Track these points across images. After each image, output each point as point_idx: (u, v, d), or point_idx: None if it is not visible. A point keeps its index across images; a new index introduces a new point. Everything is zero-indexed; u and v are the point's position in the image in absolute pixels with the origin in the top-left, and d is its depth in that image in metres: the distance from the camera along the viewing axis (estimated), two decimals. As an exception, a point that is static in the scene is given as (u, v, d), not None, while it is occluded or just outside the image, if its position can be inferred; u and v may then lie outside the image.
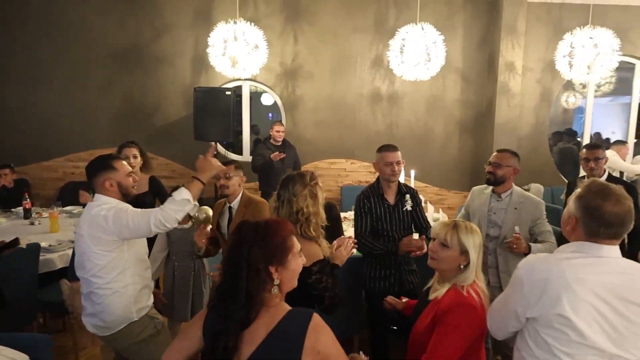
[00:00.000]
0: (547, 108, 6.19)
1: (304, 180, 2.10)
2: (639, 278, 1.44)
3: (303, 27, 5.93)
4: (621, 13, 5.96)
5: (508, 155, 2.89)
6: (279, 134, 5.29)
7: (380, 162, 2.85)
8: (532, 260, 1.54)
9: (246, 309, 1.34)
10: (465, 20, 5.98)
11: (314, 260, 1.98)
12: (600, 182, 1.52)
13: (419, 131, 6.17)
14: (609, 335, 1.40)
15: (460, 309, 1.73)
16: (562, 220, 1.60)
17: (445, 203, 6.23)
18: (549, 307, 1.42)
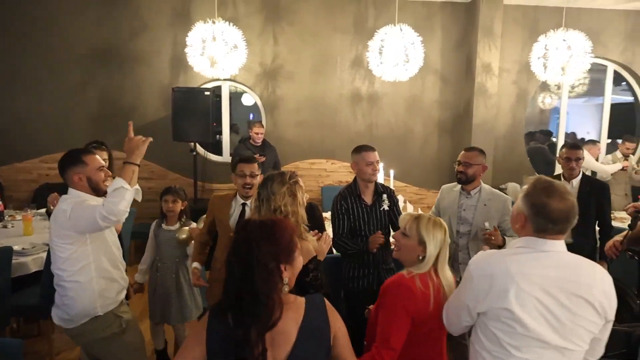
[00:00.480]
0: (523, 108, 6.31)
1: (282, 179, 2.10)
2: (581, 271, 1.48)
3: (283, 27, 5.93)
4: (593, 16, 6.12)
5: (476, 154, 2.95)
6: (257, 136, 5.28)
7: (361, 162, 2.86)
8: (481, 256, 1.59)
9: (270, 310, 1.30)
10: (443, 22, 6.06)
11: (308, 257, 1.99)
12: (545, 179, 1.56)
13: (399, 131, 6.23)
14: (553, 327, 1.44)
15: (394, 289, 1.80)
16: (511, 217, 1.64)
17: (424, 202, 6.30)
18: (496, 302, 1.46)
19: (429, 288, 1.80)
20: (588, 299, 1.45)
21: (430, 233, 1.86)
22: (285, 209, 2.04)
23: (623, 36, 6.26)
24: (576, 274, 1.47)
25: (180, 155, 5.69)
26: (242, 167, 2.76)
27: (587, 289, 1.45)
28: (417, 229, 1.87)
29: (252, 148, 5.26)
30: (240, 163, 2.81)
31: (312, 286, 1.98)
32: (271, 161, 5.32)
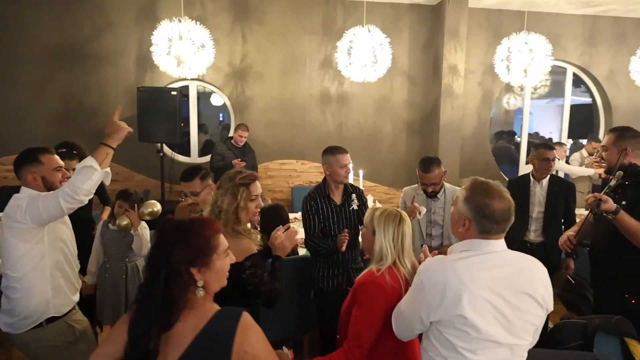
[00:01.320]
0: (488, 109, 6.48)
1: (233, 177, 2.08)
2: (522, 268, 1.53)
3: (252, 27, 5.89)
4: (553, 20, 6.34)
5: (435, 167, 3.08)
6: (241, 139, 5.32)
7: (335, 164, 2.86)
8: (430, 264, 1.56)
9: (166, 312, 1.28)
10: (411, 24, 6.15)
11: (246, 254, 1.95)
12: (481, 180, 1.59)
13: (368, 132, 6.28)
14: (503, 326, 1.47)
15: (366, 286, 1.81)
16: (452, 221, 1.65)
17: (394, 202, 6.37)
18: (450, 309, 1.46)
19: (399, 282, 1.82)
20: (531, 294, 1.50)
21: (382, 224, 1.89)
22: (220, 205, 2.02)
23: (581, 40, 6.51)
24: (519, 271, 1.52)
25: (147, 156, 5.57)
26: (181, 187, 2.58)
27: (529, 284, 1.50)
28: (371, 220, 1.93)
29: (233, 149, 5.30)
30: (181, 182, 2.59)
31: (250, 283, 1.94)
32: (250, 164, 5.31)
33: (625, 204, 2.38)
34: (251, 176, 2.11)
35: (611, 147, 2.51)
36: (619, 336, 2.16)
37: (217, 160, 5.20)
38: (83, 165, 2.02)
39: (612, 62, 6.59)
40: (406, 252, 1.90)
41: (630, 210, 2.35)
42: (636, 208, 2.34)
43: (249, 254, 1.98)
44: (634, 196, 2.40)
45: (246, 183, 2.08)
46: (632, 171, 2.44)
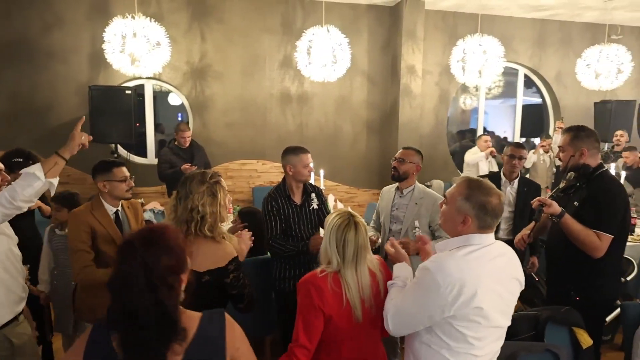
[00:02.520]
0: (445, 109, 6.65)
1: (203, 178, 2.01)
2: (509, 255, 1.68)
3: (211, 25, 5.79)
4: (505, 23, 6.59)
5: (412, 153, 3.03)
6: (184, 140, 5.05)
7: (299, 164, 2.84)
8: (442, 261, 1.57)
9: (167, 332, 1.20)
10: (370, 25, 6.23)
11: (229, 259, 1.94)
12: (476, 179, 1.68)
13: (329, 131, 6.31)
14: (503, 311, 1.59)
15: (305, 286, 1.79)
16: (446, 219, 1.68)
17: (355, 201, 6.43)
18: (468, 304, 1.51)
19: (341, 287, 1.78)
20: (518, 277, 1.65)
21: (329, 228, 1.85)
22: (203, 209, 1.95)
23: (531, 42, 6.79)
24: (509, 258, 1.66)
25: (100, 158, 5.30)
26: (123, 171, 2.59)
27: (516, 269, 1.66)
28: (326, 225, 1.90)
29: (179, 152, 5.05)
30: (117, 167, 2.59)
31: (234, 287, 1.93)
32: (201, 162, 5.13)
33: (577, 204, 2.44)
34: (218, 173, 2.09)
35: (567, 147, 2.51)
36: (568, 326, 2.27)
37: (165, 169, 4.93)
38: (27, 172, 1.94)
39: (560, 64, 6.91)
40: (348, 260, 1.80)
41: (580, 211, 2.40)
42: (585, 210, 2.39)
43: (231, 257, 1.95)
44: (584, 197, 2.44)
45: (218, 180, 2.05)
46: (584, 172, 2.46)
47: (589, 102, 6.83)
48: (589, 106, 6.84)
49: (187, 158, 5.01)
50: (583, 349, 2.22)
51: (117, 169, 2.55)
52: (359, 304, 1.79)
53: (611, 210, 2.36)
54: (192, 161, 4.97)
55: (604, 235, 2.32)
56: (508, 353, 1.92)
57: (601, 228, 2.32)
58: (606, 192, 2.40)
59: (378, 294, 1.84)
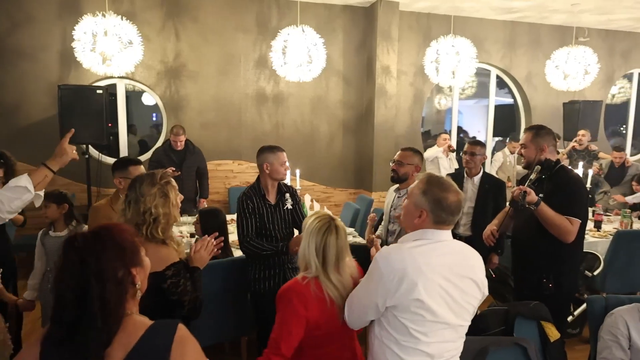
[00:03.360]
0: (420, 109, 6.73)
1: (153, 180, 1.95)
2: (467, 255, 1.69)
3: (185, 24, 5.72)
4: (477, 25, 6.71)
5: (410, 154, 3.10)
6: (176, 144, 5.01)
7: (276, 162, 2.85)
8: (387, 252, 1.62)
9: (106, 331, 1.15)
10: (345, 25, 6.26)
11: (167, 263, 1.88)
12: (435, 176, 1.71)
13: (305, 131, 6.31)
14: (451, 309, 1.59)
15: (288, 294, 1.78)
16: (406, 212, 1.72)
17: (332, 200, 6.45)
18: (407, 294, 1.54)
19: (324, 292, 1.78)
20: (473, 278, 1.64)
21: (308, 231, 1.84)
22: (155, 211, 1.90)
23: (502, 44, 6.94)
24: (464, 258, 1.66)
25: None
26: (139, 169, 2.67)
27: (472, 270, 1.65)
28: (304, 224, 1.91)
29: (170, 153, 5.01)
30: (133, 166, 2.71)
31: (172, 293, 1.86)
32: (194, 165, 5.07)
33: (542, 196, 2.59)
34: (166, 172, 2.04)
35: (529, 144, 2.73)
36: (536, 320, 2.34)
37: (153, 167, 4.84)
38: (16, 184, 1.90)
39: (530, 65, 7.09)
40: (331, 264, 1.81)
41: (546, 201, 2.56)
42: (551, 199, 2.57)
43: (170, 262, 1.89)
44: (550, 188, 2.63)
45: (169, 180, 2.00)
46: (547, 166, 2.67)
47: (558, 103, 7.03)
48: (558, 106, 7.03)
49: (177, 161, 4.98)
50: (551, 342, 2.29)
51: (133, 167, 2.66)
52: (339, 306, 1.80)
53: (578, 197, 2.60)
54: (181, 165, 4.94)
55: (574, 219, 2.54)
56: (478, 348, 1.97)
57: (571, 213, 2.54)
58: (572, 182, 2.64)
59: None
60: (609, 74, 7.50)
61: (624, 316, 2.27)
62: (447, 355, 1.64)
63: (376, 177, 6.06)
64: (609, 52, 7.43)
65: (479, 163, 3.70)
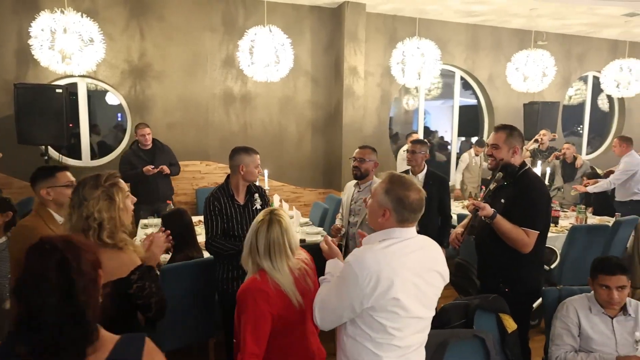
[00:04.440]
0: (387, 109, 6.84)
1: (97, 182, 1.85)
2: (430, 248, 1.75)
3: (150, 23, 5.62)
4: (441, 27, 6.87)
5: (369, 151, 3.29)
6: (144, 137, 4.94)
7: (251, 164, 2.86)
8: (360, 254, 1.63)
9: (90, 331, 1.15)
10: (312, 26, 6.29)
11: (131, 268, 1.82)
12: (397, 175, 1.75)
13: (273, 131, 6.31)
14: (422, 302, 1.65)
15: (249, 293, 1.80)
16: (371, 211, 1.76)
17: (301, 200, 6.47)
18: (384, 294, 1.57)
19: (279, 284, 1.84)
20: (438, 269, 1.71)
21: (253, 232, 1.90)
22: (99, 215, 1.80)
23: (465, 46, 7.13)
24: (429, 252, 1.72)
25: (29, 161, 5.00)
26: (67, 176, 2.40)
27: (436, 262, 1.71)
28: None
29: (140, 153, 4.93)
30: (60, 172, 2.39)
31: (139, 297, 1.80)
32: (165, 163, 4.99)
33: (503, 202, 2.57)
34: (114, 174, 1.94)
35: (503, 145, 2.59)
36: (495, 312, 2.42)
37: (126, 169, 4.79)
38: None
39: (492, 67, 7.31)
40: (276, 257, 1.86)
41: (508, 207, 2.54)
42: (513, 206, 2.53)
43: (134, 266, 1.84)
44: (511, 195, 2.58)
45: (115, 182, 1.91)
46: (510, 172, 2.59)
47: (519, 103, 7.28)
48: (518, 107, 7.28)
49: (148, 160, 4.91)
50: (508, 333, 2.38)
51: (61, 174, 2.35)
52: (296, 291, 1.86)
53: (537, 208, 2.51)
54: (153, 163, 4.88)
55: (531, 231, 2.47)
56: (439, 341, 2.03)
57: (528, 225, 2.47)
58: (531, 191, 2.54)
59: (307, 288, 1.91)
60: (565, 76, 7.82)
61: (574, 305, 2.39)
62: (415, 346, 1.70)
63: (345, 177, 6.12)
64: (566, 56, 7.75)
65: (421, 161, 3.80)
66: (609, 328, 2.34)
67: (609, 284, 2.31)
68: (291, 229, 1.93)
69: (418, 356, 1.72)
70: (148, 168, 4.78)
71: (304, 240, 3.90)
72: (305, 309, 1.90)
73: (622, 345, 2.30)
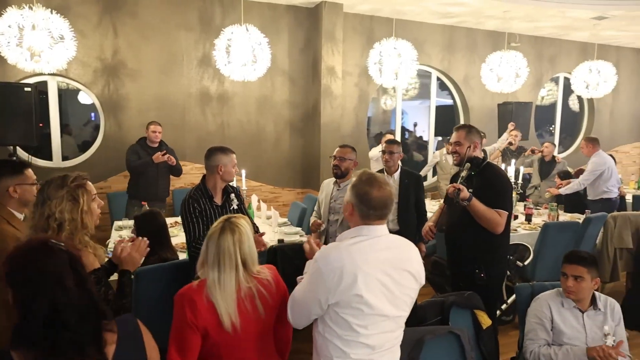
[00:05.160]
0: (365, 109, 6.87)
1: (63, 182, 1.83)
2: (403, 249, 1.76)
3: (124, 20, 5.51)
4: (418, 28, 6.95)
5: (349, 150, 3.37)
6: (155, 135, 4.97)
7: (229, 164, 2.86)
8: (326, 250, 1.68)
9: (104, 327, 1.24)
10: (290, 25, 6.27)
11: (88, 271, 1.74)
12: (368, 172, 1.78)
13: (251, 131, 6.26)
14: (390, 301, 1.66)
15: (179, 299, 1.72)
16: (343, 207, 1.81)
17: (279, 200, 6.45)
18: (348, 290, 1.59)
19: (215, 299, 1.69)
20: (410, 270, 1.71)
21: (207, 238, 1.78)
22: (60, 216, 1.77)
23: (441, 47, 7.22)
24: (400, 251, 1.73)
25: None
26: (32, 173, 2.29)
27: (408, 262, 1.72)
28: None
29: (148, 149, 4.96)
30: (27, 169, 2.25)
31: None
32: (167, 165, 4.99)
33: (472, 191, 2.76)
34: (83, 175, 1.91)
35: (464, 141, 2.90)
36: (470, 309, 2.46)
37: (134, 160, 4.86)
38: None
39: (467, 68, 7.43)
40: (224, 266, 1.72)
41: (476, 195, 2.74)
42: (480, 194, 2.75)
43: (91, 269, 1.79)
44: (479, 184, 2.81)
45: (82, 184, 1.87)
46: (475, 163, 2.87)
47: (493, 104, 7.41)
48: (493, 107, 7.42)
49: (151, 163, 4.88)
50: (483, 329, 2.42)
51: (29, 171, 2.22)
52: (235, 312, 1.70)
53: (504, 191, 2.83)
54: (156, 163, 4.88)
55: (502, 212, 2.75)
56: (416, 338, 2.05)
57: (499, 206, 2.75)
58: (499, 177, 2.86)
59: (266, 301, 1.78)
60: (537, 77, 8.01)
61: (547, 300, 2.45)
62: (387, 345, 1.70)
63: (323, 176, 6.11)
64: (538, 57, 7.93)
65: (397, 161, 3.86)
66: (579, 322, 2.40)
67: (567, 272, 2.41)
68: (248, 241, 1.78)
69: (390, 355, 1.73)
70: (158, 155, 4.81)
71: (282, 240, 3.88)
72: (248, 336, 1.74)
73: (591, 339, 2.36)
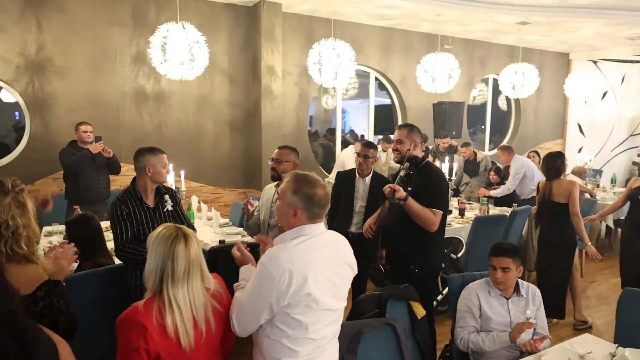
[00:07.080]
0: (306, 108, 6.93)
1: (3, 188, 1.74)
2: (339, 243, 1.83)
3: (49, 14, 5.19)
4: (356, 29, 7.10)
5: (288, 152, 3.25)
6: (86, 135, 4.73)
7: (158, 164, 2.77)
8: (274, 253, 1.64)
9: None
10: (229, 24, 6.19)
11: (37, 283, 1.68)
12: (303, 174, 1.80)
13: (190, 131, 6.13)
14: (334, 294, 1.72)
15: (124, 324, 1.59)
16: (280, 213, 1.78)
17: (221, 201, 6.36)
18: (299, 290, 1.61)
19: (165, 317, 1.56)
20: (348, 262, 1.80)
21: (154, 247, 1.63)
22: (14, 223, 1.70)
23: (379, 48, 7.43)
24: (338, 246, 1.80)
25: None
26: None
27: (345, 255, 1.81)
28: (149, 241, 1.69)
29: (81, 150, 4.74)
30: None
31: (45, 316, 1.64)
32: (103, 161, 4.79)
33: (410, 190, 2.87)
34: (17, 181, 1.81)
35: (405, 139, 2.98)
36: (406, 300, 2.58)
37: (70, 158, 4.63)
38: None
39: (404, 69, 7.69)
40: (178, 278, 1.59)
41: (415, 193, 2.85)
42: (419, 193, 2.86)
43: (41, 281, 1.70)
44: (418, 183, 2.92)
45: (23, 187, 1.80)
46: (415, 162, 2.97)
47: (429, 103, 7.73)
48: (428, 106, 7.73)
49: (88, 157, 4.69)
50: (418, 319, 2.54)
51: None
52: (191, 327, 1.61)
53: (440, 192, 2.94)
54: (94, 161, 4.70)
55: (437, 211, 2.86)
56: (354, 331, 2.12)
57: (435, 206, 2.86)
58: (436, 178, 2.97)
59: (216, 311, 1.71)
60: (469, 78, 8.45)
61: (476, 290, 2.61)
62: (329, 337, 1.76)
63: (265, 176, 6.10)
64: (469, 59, 8.37)
65: (371, 165, 3.76)
66: (504, 308, 2.58)
67: (494, 264, 2.59)
68: (199, 252, 1.68)
69: (332, 346, 1.79)
70: (95, 145, 4.62)
71: (224, 241, 3.85)
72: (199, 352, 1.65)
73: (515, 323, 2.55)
